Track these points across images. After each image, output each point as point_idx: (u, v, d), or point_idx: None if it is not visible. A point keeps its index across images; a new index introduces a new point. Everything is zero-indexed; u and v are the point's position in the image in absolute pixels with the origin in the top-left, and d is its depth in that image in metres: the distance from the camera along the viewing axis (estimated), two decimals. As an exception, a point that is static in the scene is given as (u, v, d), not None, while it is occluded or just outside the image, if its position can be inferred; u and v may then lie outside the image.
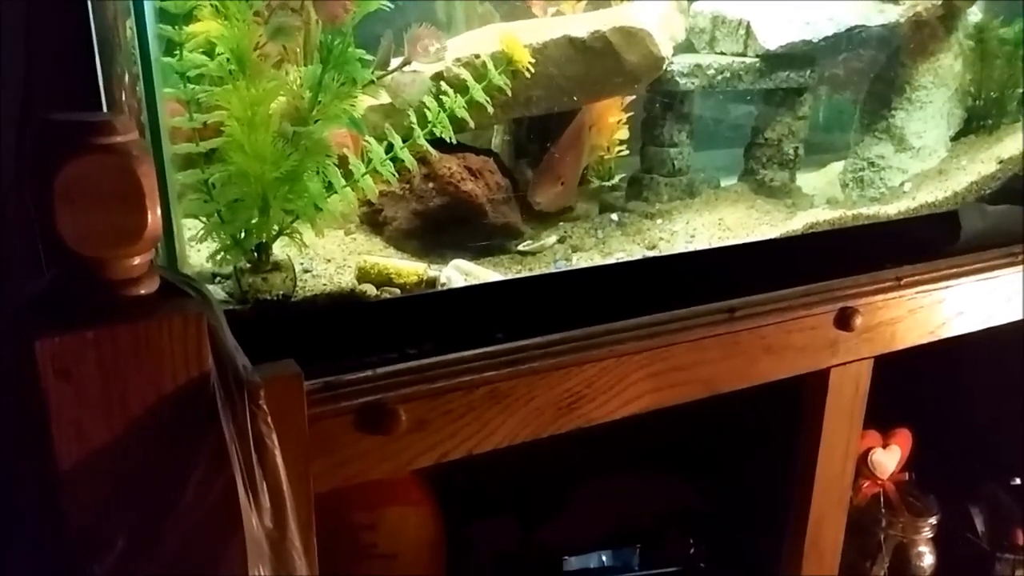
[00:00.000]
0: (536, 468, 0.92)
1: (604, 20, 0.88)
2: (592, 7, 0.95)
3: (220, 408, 0.48)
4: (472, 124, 0.79)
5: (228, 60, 0.65)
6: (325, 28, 0.68)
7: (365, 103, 0.74)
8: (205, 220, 0.70)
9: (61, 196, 0.43)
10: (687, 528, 1.08)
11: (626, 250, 0.89)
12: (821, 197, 1.06)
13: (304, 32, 0.72)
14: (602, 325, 0.74)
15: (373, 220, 0.86)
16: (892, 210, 0.98)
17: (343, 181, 0.72)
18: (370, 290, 0.75)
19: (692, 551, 1.06)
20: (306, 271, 0.76)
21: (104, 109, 0.60)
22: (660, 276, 0.86)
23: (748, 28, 0.99)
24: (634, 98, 1.00)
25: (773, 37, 0.98)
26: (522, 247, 0.87)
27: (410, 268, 0.77)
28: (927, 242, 0.95)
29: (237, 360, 0.50)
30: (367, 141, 0.74)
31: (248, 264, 0.71)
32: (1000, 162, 1.01)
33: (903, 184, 1.05)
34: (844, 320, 0.82)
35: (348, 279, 0.76)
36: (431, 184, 0.83)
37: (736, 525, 1.07)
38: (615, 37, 0.87)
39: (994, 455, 1.23)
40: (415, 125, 0.75)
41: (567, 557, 1.03)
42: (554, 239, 0.89)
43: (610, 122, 1.00)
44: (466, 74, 0.79)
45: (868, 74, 1.09)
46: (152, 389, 0.46)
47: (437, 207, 0.84)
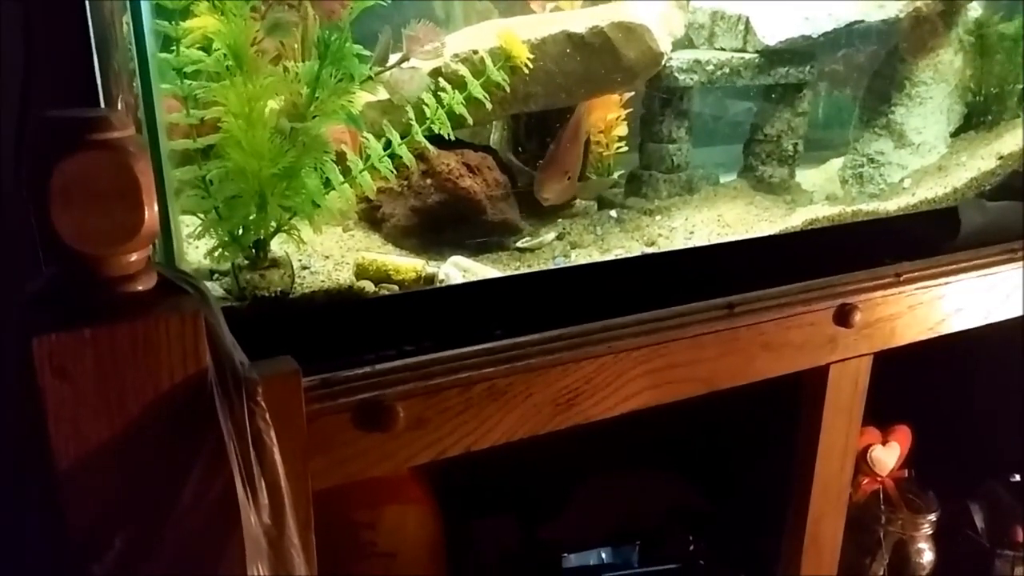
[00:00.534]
0: (536, 466, 0.92)
1: (603, 16, 0.88)
2: (590, 3, 0.95)
3: (218, 405, 0.48)
4: (470, 120, 0.78)
5: (225, 56, 0.65)
6: (322, 24, 0.68)
7: (363, 99, 0.74)
8: (202, 216, 0.70)
9: (58, 192, 0.43)
10: (687, 525, 1.08)
11: (625, 246, 0.89)
12: (820, 193, 1.06)
13: (302, 28, 0.72)
14: (600, 322, 0.74)
15: (371, 217, 0.86)
16: (891, 206, 0.98)
17: (341, 177, 0.72)
18: (368, 287, 0.75)
19: (691, 548, 1.06)
20: (304, 268, 0.76)
21: (101, 105, 0.60)
22: (659, 273, 0.86)
23: (747, 24, 0.99)
24: (633, 94, 1.00)
25: (772, 33, 0.98)
26: (521, 244, 0.87)
27: (408, 265, 0.77)
28: (926, 238, 0.95)
29: (235, 357, 0.50)
30: (365, 137, 0.74)
31: (246, 261, 0.71)
32: (1000, 158, 1.01)
33: (903, 180, 1.05)
34: (843, 317, 0.82)
35: (346, 276, 0.76)
36: (429, 181, 0.83)
37: (735, 522, 1.07)
38: (614, 33, 0.87)
39: (994, 452, 1.23)
40: (413, 121, 0.74)
41: (566, 555, 1.03)
42: (553, 236, 0.89)
43: (608, 119, 1.00)
44: (464, 70, 0.78)
45: (868, 70, 1.09)
46: (150, 387, 0.46)
47: (435, 204, 0.84)
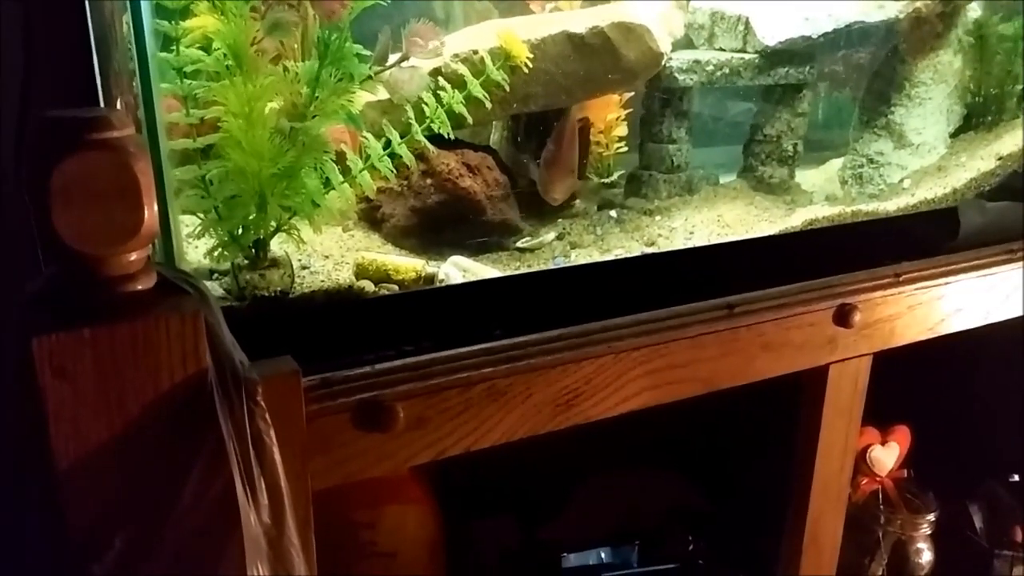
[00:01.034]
0: (536, 466, 0.92)
1: (602, 16, 0.88)
2: (590, 3, 0.95)
3: (218, 405, 0.48)
4: (470, 120, 0.78)
5: (225, 56, 0.65)
6: (322, 23, 0.68)
7: (363, 99, 0.74)
8: (202, 216, 0.70)
9: (58, 192, 0.43)
10: (686, 525, 1.08)
11: (625, 247, 0.89)
12: (820, 194, 1.06)
13: (301, 27, 0.72)
14: (600, 322, 0.74)
15: (371, 216, 0.85)
16: (891, 207, 0.98)
17: (341, 177, 0.72)
18: (368, 287, 0.75)
19: (691, 548, 1.06)
20: (304, 267, 0.76)
21: (101, 105, 0.60)
22: (658, 273, 0.86)
23: (747, 24, 0.99)
24: (633, 94, 1.00)
25: (772, 33, 0.98)
26: (520, 244, 0.87)
27: (408, 265, 0.77)
28: (926, 239, 0.95)
29: (235, 357, 0.50)
30: (365, 137, 0.74)
31: (246, 260, 0.71)
32: (999, 159, 1.01)
33: (902, 181, 1.05)
34: (843, 317, 0.82)
35: (346, 276, 0.76)
36: (429, 180, 0.83)
37: (735, 522, 1.07)
38: (613, 33, 0.87)
39: (993, 452, 1.23)
40: (413, 121, 0.74)
41: (566, 555, 1.03)
42: (552, 236, 0.89)
43: (608, 119, 1.00)
44: (464, 70, 0.78)
45: (867, 70, 1.09)
46: (150, 387, 0.46)
47: (435, 203, 0.84)
